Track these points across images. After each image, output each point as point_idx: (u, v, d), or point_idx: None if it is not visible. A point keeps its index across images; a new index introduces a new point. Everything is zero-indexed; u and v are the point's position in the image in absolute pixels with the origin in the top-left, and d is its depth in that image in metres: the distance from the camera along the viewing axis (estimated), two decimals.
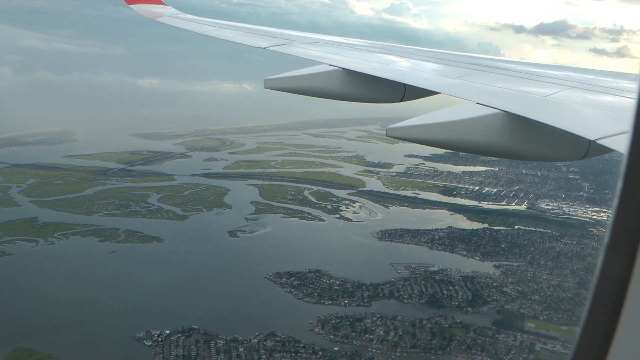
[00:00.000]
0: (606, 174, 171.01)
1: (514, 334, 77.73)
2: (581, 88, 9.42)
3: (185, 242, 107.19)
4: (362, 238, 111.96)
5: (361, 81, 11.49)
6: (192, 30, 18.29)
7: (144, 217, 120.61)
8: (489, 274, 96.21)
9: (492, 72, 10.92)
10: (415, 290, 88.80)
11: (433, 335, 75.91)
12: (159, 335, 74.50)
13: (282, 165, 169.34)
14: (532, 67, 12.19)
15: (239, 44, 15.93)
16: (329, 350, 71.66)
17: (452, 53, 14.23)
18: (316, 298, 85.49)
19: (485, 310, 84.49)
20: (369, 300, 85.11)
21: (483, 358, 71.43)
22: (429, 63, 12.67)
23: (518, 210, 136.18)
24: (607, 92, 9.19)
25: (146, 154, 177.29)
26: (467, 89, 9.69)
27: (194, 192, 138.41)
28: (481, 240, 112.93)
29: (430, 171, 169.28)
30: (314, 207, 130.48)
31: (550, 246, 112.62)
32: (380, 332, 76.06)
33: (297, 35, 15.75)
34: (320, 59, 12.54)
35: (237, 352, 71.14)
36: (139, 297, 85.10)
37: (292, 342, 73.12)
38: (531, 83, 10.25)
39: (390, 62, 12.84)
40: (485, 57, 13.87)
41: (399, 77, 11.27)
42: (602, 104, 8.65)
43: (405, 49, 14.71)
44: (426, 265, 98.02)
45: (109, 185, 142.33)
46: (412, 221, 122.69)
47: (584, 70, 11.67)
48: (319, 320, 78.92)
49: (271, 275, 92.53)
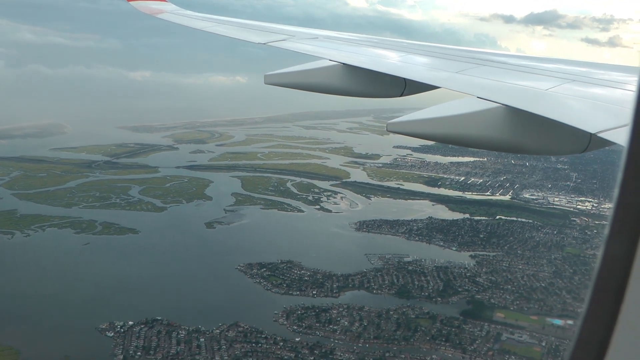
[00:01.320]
0: (596, 163, 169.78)
1: (481, 324, 76.86)
2: (581, 81, 9.42)
3: (160, 234, 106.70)
4: (339, 229, 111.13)
5: (361, 76, 11.58)
6: (192, 27, 18.41)
7: (123, 209, 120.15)
8: (464, 264, 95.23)
9: (492, 66, 11.00)
10: (386, 281, 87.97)
11: (398, 326, 75.11)
12: (121, 327, 74.01)
13: (268, 157, 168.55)
14: (532, 60, 12.24)
15: (239, 40, 16.07)
16: (290, 341, 71.02)
17: (451, 47, 14.18)
18: (285, 289, 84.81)
19: (455, 300, 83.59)
20: (337, 291, 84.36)
21: (446, 348, 70.55)
22: (429, 57, 12.75)
23: (502, 200, 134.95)
24: (606, 84, 9.22)
25: (133, 147, 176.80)
26: (467, 83, 9.74)
27: (176, 184, 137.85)
28: (460, 230, 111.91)
29: (417, 162, 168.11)
30: (295, 198, 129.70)
31: (530, 236, 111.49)
32: (345, 323, 75.33)
33: (296, 31, 15.92)
34: (320, 55, 12.58)
35: (197, 343, 70.57)
36: (107, 289, 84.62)
37: (254, 333, 72.53)
38: (531, 77, 10.27)
39: (390, 57, 13.04)
40: (485, 51, 13.90)
41: (399, 72, 11.38)
42: (602, 97, 8.67)
43: (404, 43, 14.79)
44: (400, 256, 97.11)
45: (91, 177, 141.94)
46: (393, 212, 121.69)
47: (583, 63, 11.75)
48: (285, 311, 78.25)
49: (242, 267, 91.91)
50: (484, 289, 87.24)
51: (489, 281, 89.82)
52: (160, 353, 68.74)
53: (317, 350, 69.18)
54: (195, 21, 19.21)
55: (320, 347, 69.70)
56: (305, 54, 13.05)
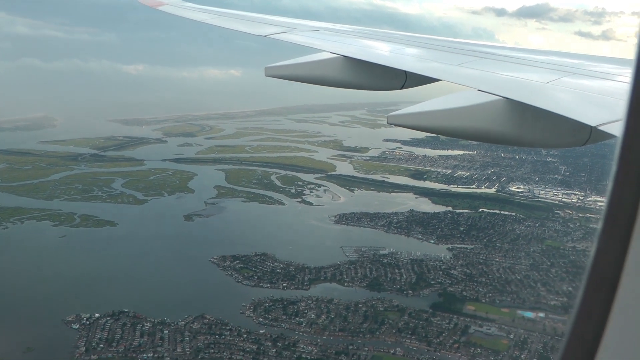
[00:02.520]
0: (586, 157, 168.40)
1: (450, 316, 76.11)
2: (581, 74, 9.44)
3: (138, 226, 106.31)
4: (318, 222, 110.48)
5: (362, 69, 11.58)
6: (193, 19, 18.46)
7: (104, 202, 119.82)
8: (440, 257, 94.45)
9: (492, 59, 11.05)
10: (359, 274, 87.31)
11: (365, 318, 74.48)
12: (87, 319, 73.67)
13: (256, 150, 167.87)
14: (532, 53, 12.22)
15: (239, 32, 16.06)
16: (254, 333, 70.53)
17: (451, 40, 14.21)
18: (255, 281, 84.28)
19: (426, 293, 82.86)
20: (308, 284, 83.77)
21: (412, 341, 69.90)
22: (429, 50, 12.73)
23: (486, 193, 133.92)
24: (607, 78, 9.26)
25: (122, 140, 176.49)
26: (467, 76, 9.75)
27: (159, 177, 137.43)
28: (440, 223, 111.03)
29: (406, 155, 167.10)
30: (278, 191, 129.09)
31: (511, 229, 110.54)
32: (312, 316, 74.77)
33: (296, 23, 15.89)
34: (321, 47, 12.57)
35: (161, 335, 70.15)
36: (78, 281, 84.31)
37: (219, 325, 72.07)
38: (531, 69, 10.28)
39: (390, 50, 13.07)
40: (485, 44, 14.00)
41: (400, 65, 11.39)
42: (603, 90, 8.64)
43: (405, 36, 14.80)
44: (376, 249, 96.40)
45: (76, 170, 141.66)
46: (374, 205, 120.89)
47: (583, 56, 11.76)
48: (253, 303, 77.76)
49: (216, 259, 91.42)
50: (458, 281, 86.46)
51: (463, 274, 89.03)
52: (123, 345, 68.34)
53: (280, 342, 68.66)
54: (195, 13, 19.26)
55: (284, 340, 69.19)
56: (302, 46, 13.07)
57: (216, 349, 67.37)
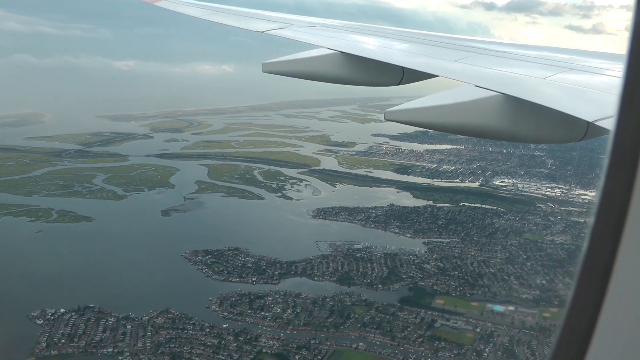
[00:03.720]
0: (575, 150, 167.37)
1: (417, 311, 75.42)
2: (577, 70, 9.50)
3: (114, 222, 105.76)
4: (296, 216, 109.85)
5: (359, 65, 11.52)
6: (190, 15, 18.44)
7: (83, 198, 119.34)
8: (414, 251, 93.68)
9: (489, 55, 11.07)
10: (330, 268, 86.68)
11: (331, 313, 73.87)
12: (52, 314, 73.23)
13: (241, 145, 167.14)
14: (527, 49, 12.22)
15: (237, 27, 16.02)
16: (217, 327, 69.99)
17: (448, 36, 14.19)
18: (225, 276, 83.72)
19: (396, 287, 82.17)
20: (278, 278, 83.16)
21: (375, 335, 69.24)
22: (426, 46, 12.68)
23: (469, 187, 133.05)
24: (603, 73, 9.27)
25: (108, 135, 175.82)
26: (465, 71, 9.76)
27: (141, 173, 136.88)
28: (419, 217, 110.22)
29: (392, 150, 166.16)
30: (259, 186, 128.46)
31: (490, 222, 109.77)
32: (278, 310, 74.20)
33: (293, 19, 15.87)
34: (318, 43, 12.54)
35: (123, 330, 69.64)
36: (48, 277, 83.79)
37: (183, 319, 71.57)
38: (528, 65, 10.34)
39: (387, 46, 13.01)
40: (481, 40, 14.11)
41: (397, 60, 11.33)
42: (600, 86, 8.61)
43: (402, 32, 14.72)
44: (351, 243, 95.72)
45: (59, 166, 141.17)
46: (355, 199, 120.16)
47: (578, 52, 11.73)
48: (219, 297, 77.20)
49: (188, 253, 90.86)
50: (429, 275, 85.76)
51: (436, 268, 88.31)
52: (84, 340, 67.87)
53: (242, 336, 68.09)
54: (192, 9, 19.20)
55: (246, 334, 68.62)
56: (299, 42, 13.02)
57: (177, 343, 66.88)
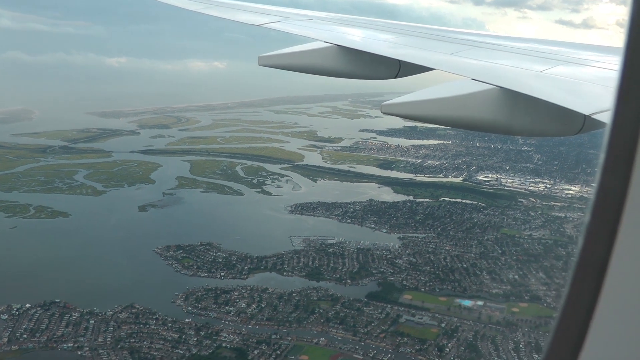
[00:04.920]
0: (563, 145, 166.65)
1: (383, 306, 74.95)
2: (574, 63, 9.51)
3: (91, 217, 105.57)
4: (273, 212, 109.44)
5: (356, 58, 11.52)
6: (188, 9, 18.02)
7: (63, 193, 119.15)
8: (388, 246, 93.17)
9: (485, 48, 11.11)
10: (300, 263, 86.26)
11: (296, 308, 73.46)
12: (18, 309, 72.99)
13: (227, 141, 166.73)
14: (524, 42, 12.24)
15: (233, 21, 15.81)
16: (179, 322, 69.67)
17: (444, 29, 14.13)
18: (194, 271, 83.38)
19: (366, 282, 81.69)
20: (247, 273, 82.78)
21: (338, 331, 68.83)
22: (422, 39, 12.67)
23: (452, 182, 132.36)
24: (600, 66, 9.22)
25: (95, 132, 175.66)
26: (461, 65, 9.76)
27: (123, 169, 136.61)
28: (397, 212, 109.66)
29: (378, 145, 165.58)
30: (239, 181, 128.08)
31: (469, 217, 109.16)
32: (243, 305, 73.83)
33: (289, 12, 15.87)
34: (315, 36, 12.51)
35: (86, 325, 69.36)
36: (18, 272, 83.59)
37: (147, 314, 71.25)
38: (525, 59, 10.34)
39: (384, 39, 12.98)
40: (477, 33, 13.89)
41: (394, 54, 11.34)
42: (597, 79, 8.58)
43: (398, 25, 14.72)
44: (325, 238, 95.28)
45: (42, 162, 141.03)
46: (334, 194, 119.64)
47: (574, 45, 11.74)
48: (186, 292, 76.86)
49: (160, 249, 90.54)
50: (400, 270, 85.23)
51: (408, 263, 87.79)
52: (46, 335, 67.60)
53: (203, 331, 67.75)
54: (191, 3, 18.73)
55: (208, 328, 68.28)
56: (291, 37, 13.00)
57: (137, 338, 66.54)
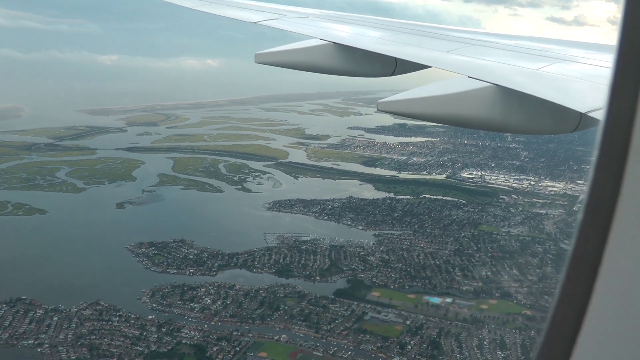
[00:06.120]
0: (552, 142, 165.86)
1: (350, 303, 74.43)
2: (570, 61, 9.51)
3: (68, 214, 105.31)
4: (251, 209, 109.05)
5: (352, 55, 11.51)
6: (185, 6, 18.07)
7: (43, 190, 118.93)
8: (362, 243, 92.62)
9: (481, 46, 11.12)
10: (271, 260, 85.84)
11: (261, 304, 73.04)
12: None
13: (214, 138, 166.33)
14: (520, 40, 12.20)
15: (230, 18, 15.90)
16: (142, 319, 69.32)
17: (440, 27, 14.06)
18: (164, 267, 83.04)
19: (335, 279, 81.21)
20: (216, 270, 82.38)
21: (301, 327, 68.38)
22: (419, 37, 12.63)
23: (435, 179, 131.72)
24: (596, 64, 9.21)
25: (82, 129, 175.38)
26: (458, 62, 9.75)
27: (106, 166, 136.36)
28: (375, 209, 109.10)
29: (365, 142, 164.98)
30: (221, 178, 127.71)
31: (448, 214, 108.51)
32: (208, 301, 73.45)
33: (286, 10, 15.77)
34: (311, 33, 12.48)
35: (49, 322, 69.05)
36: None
37: (111, 311, 70.93)
38: (521, 56, 10.30)
39: (380, 37, 12.93)
40: (472, 31, 13.91)
41: (390, 51, 11.27)
42: (593, 77, 8.55)
43: (395, 23, 14.71)
44: (299, 235, 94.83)
45: (26, 159, 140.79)
46: (315, 192, 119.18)
47: (570, 43, 11.73)
48: (152, 289, 76.51)
49: (132, 245, 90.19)
50: (371, 268, 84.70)
51: (380, 260, 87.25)
52: (8, 332, 67.28)
53: (165, 328, 67.41)
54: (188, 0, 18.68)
55: (170, 325, 67.93)
56: (287, 35, 13.06)
57: (98, 335, 66.23)
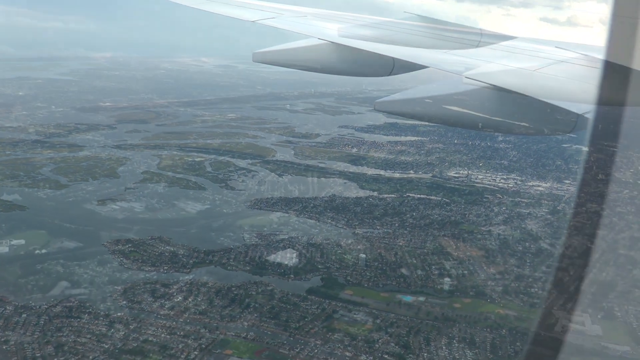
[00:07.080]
0: (542, 142, 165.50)
1: (321, 301, 74.01)
2: (567, 62, 9.42)
3: (47, 211, 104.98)
4: (232, 206, 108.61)
5: (351, 55, 11.45)
6: (184, 4, 18.08)
7: (25, 187, 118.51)
8: (339, 242, 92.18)
9: (479, 47, 10.94)
10: (247, 257, 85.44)
11: (232, 302, 72.64)
12: None
13: (202, 136, 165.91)
14: (517, 41, 12.02)
15: (229, 17, 15.67)
16: (110, 316, 68.94)
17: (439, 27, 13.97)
18: (138, 264, 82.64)
19: (309, 277, 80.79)
20: (191, 267, 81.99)
21: (268, 325, 67.94)
22: (417, 37, 12.55)
23: (420, 178, 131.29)
24: (592, 65, 9.01)
25: (72, 126, 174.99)
26: (455, 63, 9.48)
27: (91, 163, 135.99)
28: (357, 208, 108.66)
29: (354, 141, 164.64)
30: (205, 176, 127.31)
31: (430, 213, 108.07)
32: (179, 299, 73.07)
33: (284, 9, 15.63)
34: (309, 33, 12.48)
35: (18, 319, 68.67)
36: None
37: (80, 309, 70.56)
38: (519, 57, 10.09)
39: (379, 36, 12.70)
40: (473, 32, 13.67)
41: (389, 52, 11.25)
42: (589, 78, 8.43)
43: (392, 23, 14.51)
44: (276, 233, 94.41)
45: (11, 156, 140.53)
46: (299, 190, 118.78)
47: (565, 44, 11.45)
48: (125, 286, 76.14)
49: (109, 243, 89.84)
50: (347, 266, 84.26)
51: (357, 258, 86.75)
52: None
53: (132, 325, 67.01)
54: None
55: (137, 322, 67.54)
56: (284, 34, 12.90)
57: (65, 332, 65.86)
